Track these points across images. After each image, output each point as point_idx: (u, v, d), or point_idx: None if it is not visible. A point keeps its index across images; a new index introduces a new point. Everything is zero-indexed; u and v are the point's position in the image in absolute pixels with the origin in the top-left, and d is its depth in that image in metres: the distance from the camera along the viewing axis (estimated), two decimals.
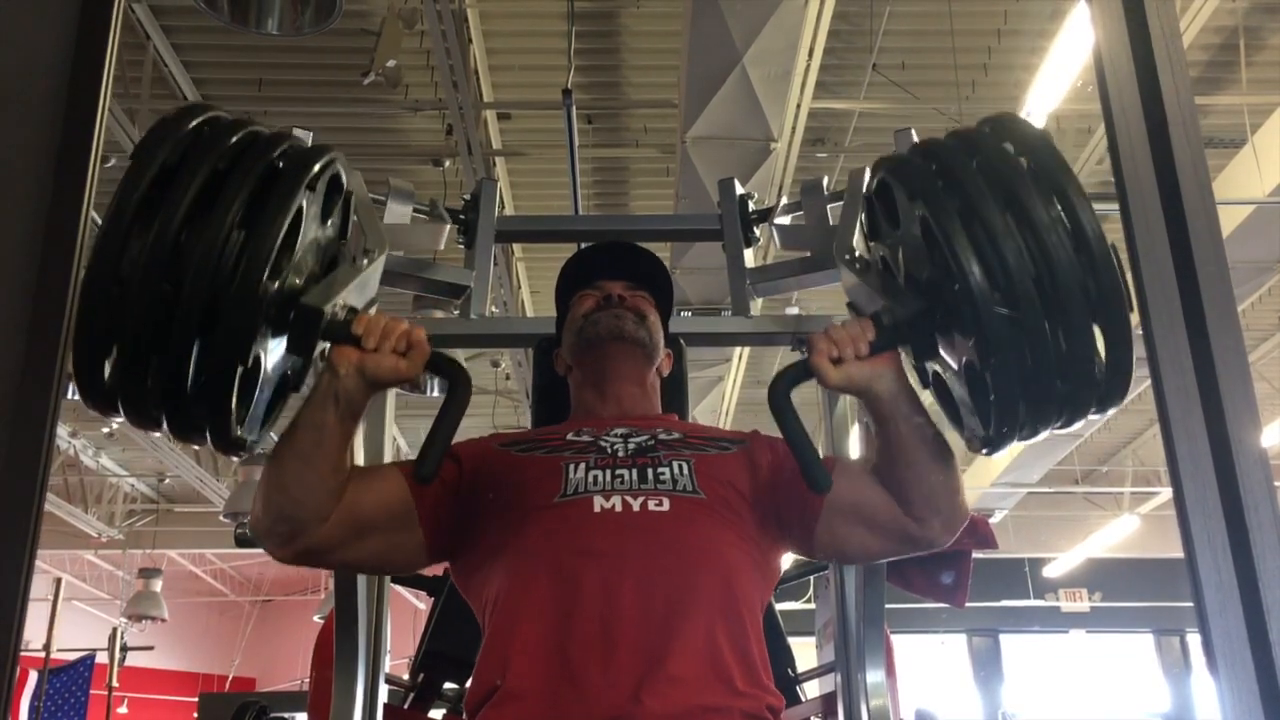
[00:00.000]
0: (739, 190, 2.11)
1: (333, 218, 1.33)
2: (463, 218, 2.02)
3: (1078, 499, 11.05)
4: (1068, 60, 4.41)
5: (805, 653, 2.13)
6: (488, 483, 1.43)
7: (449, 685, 2.14)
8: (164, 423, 1.18)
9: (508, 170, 5.87)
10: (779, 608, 2.06)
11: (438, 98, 5.15)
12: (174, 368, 1.12)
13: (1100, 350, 1.18)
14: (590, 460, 1.42)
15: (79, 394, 1.12)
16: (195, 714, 10.30)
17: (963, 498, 1.37)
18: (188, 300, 1.09)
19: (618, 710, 1.20)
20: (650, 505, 1.35)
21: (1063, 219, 1.16)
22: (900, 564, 1.76)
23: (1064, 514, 11.24)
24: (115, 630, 8.02)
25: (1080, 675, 11.76)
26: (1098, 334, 1.17)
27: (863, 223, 1.49)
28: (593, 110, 5.55)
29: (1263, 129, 5.13)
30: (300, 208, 1.18)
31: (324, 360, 1.30)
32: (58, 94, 1.02)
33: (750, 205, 2.10)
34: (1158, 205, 1.03)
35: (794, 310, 5.55)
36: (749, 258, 2.06)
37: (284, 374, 1.32)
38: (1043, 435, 1.26)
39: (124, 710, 11.38)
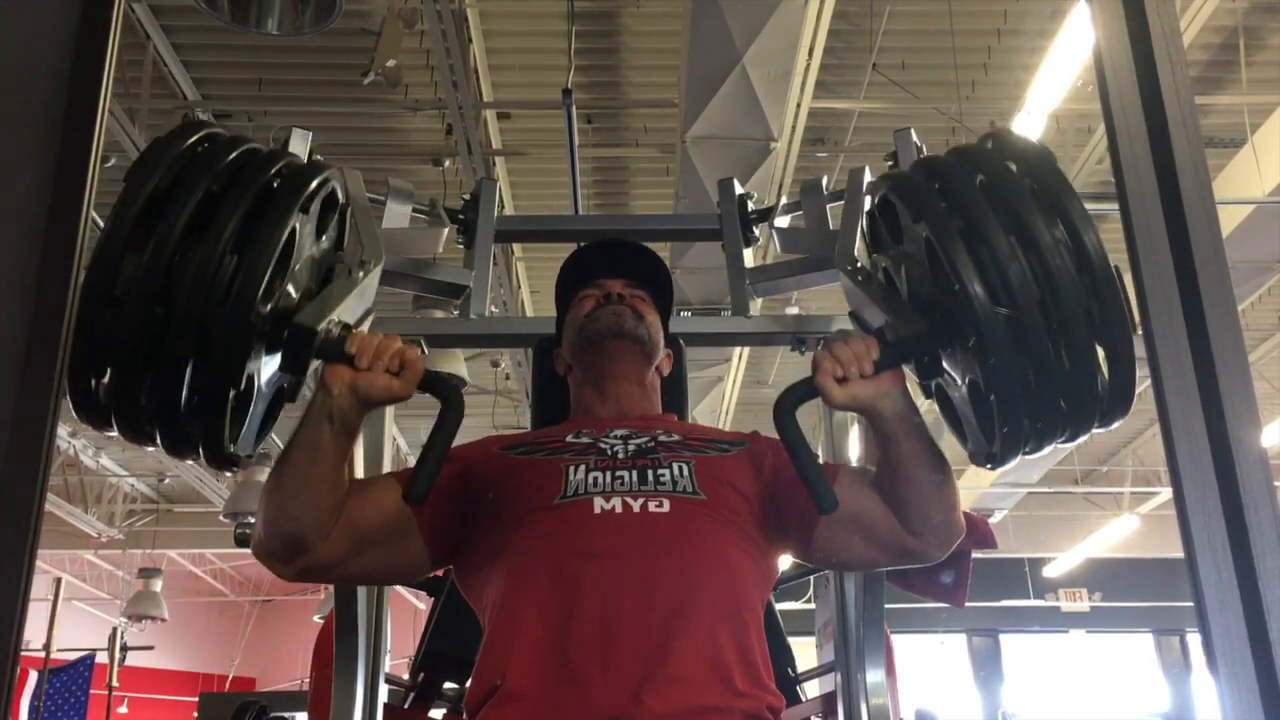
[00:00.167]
0: (739, 190, 2.11)
1: (328, 232, 1.34)
2: (462, 217, 2.02)
3: (1078, 499, 11.05)
4: (1068, 60, 4.41)
5: (805, 652, 2.13)
6: (487, 486, 1.43)
7: (449, 685, 2.14)
8: (157, 438, 1.19)
9: (507, 170, 5.86)
10: (779, 608, 2.06)
11: (437, 97, 5.15)
12: (167, 388, 1.13)
13: (1103, 367, 1.18)
14: (590, 462, 1.42)
15: (73, 408, 1.12)
16: (195, 714, 10.30)
17: (959, 514, 1.38)
18: (180, 324, 1.10)
19: (618, 710, 1.20)
20: (650, 506, 1.35)
21: (1066, 240, 1.16)
22: None
23: (1064, 514, 11.24)
24: (115, 630, 8.02)
25: (1080, 675, 11.76)
26: (1100, 352, 1.18)
27: (864, 231, 1.49)
28: (593, 110, 5.55)
29: (1263, 129, 5.13)
30: (294, 229, 1.18)
31: (318, 377, 1.30)
32: (58, 94, 1.02)
33: (750, 205, 2.10)
34: (1158, 205, 1.03)
35: (794, 310, 5.55)
36: (749, 257, 2.06)
37: (279, 387, 1.33)
38: (1047, 450, 1.27)
39: (124, 710, 11.38)
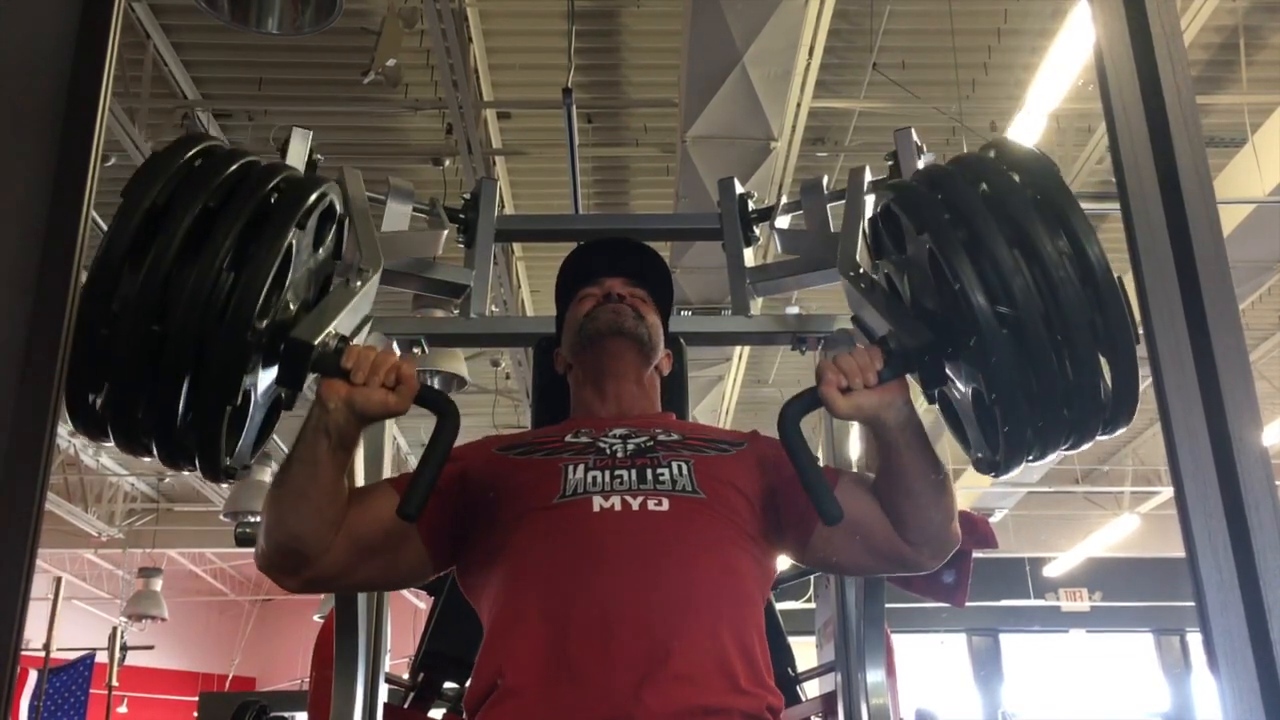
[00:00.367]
0: (739, 189, 2.10)
1: (326, 243, 1.33)
2: (462, 217, 2.02)
3: (1078, 498, 11.05)
4: (1068, 59, 4.41)
5: (805, 652, 2.13)
6: (486, 487, 1.44)
7: (449, 685, 2.14)
8: (154, 450, 1.19)
9: (508, 169, 5.86)
10: (779, 607, 2.06)
11: (438, 97, 5.15)
12: (163, 403, 1.13)
13: (1107, 376, 1.18)
14: (589, 461, 1.42)
15: (70, 420, 1.12)
16: (195, 713, 10.31)
17: (955, 526, 1.38)
18: (176, 342, 1.10)
19: (618, 708, 1.20)
20: (650, 505, 1.35)
21: (1069, 252, 1.16)
22: None
23: (1064, 513, 11.24)
24: (115, 629, 8.03)
25: (1080, 675, 11.76)
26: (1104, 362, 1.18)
27: (866, 236, 1.48)
28: (593, 109, 5.55)
29: (1263, 128, 5.13)
30: (291, 245, 1.18)
31: (315, 392, 1.30)
32: (58, 94, 1.02)
33: (750, 204, 2.10)
34: (1159, 204, 1.03)
35: (794, 310, 5.55)
36: (749, 257, 2.06)
37: (277, 397, 1.33)
38: (1051, 458, 1.27)
39: (124, 709, 11.38)
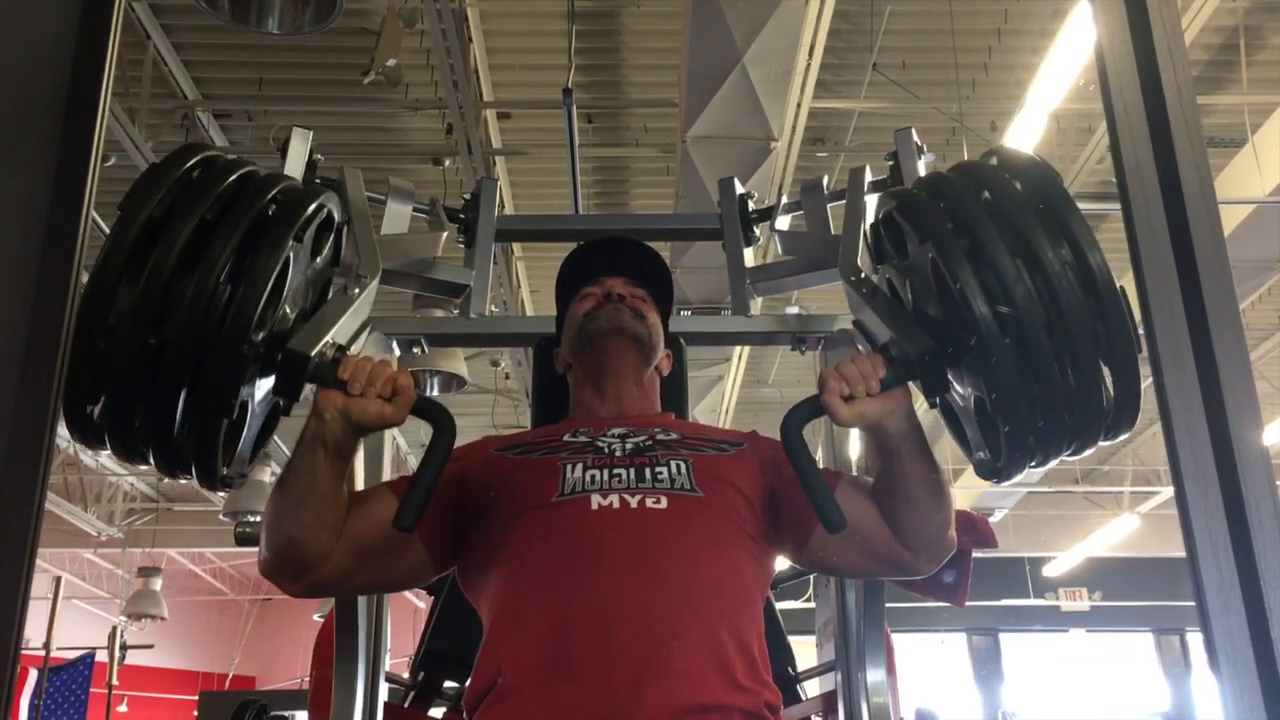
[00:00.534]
0: (739, 189, 2.11)
1: (324, 252, 1.33)
2: (463, 217, 2.02)
3: (1078, 498, 11.05)
4: (1068, 59, 4.40)
5: (805, 651, 2.13)
6: (485, 488, 1.44)
7: (449, 684, 2.14)
8: (150, 459, 1.19)
9: (508, 169, 5.86)
10: (779, 607, 2.06)
11: (438, 97, 5.15)
12: (160, 414, 1.13)
13: (1109, 383, 1.19)
14: (587, 460, 1.42)
15: (67, 429, 1.13)
16: (195, 712, 10.31)
17: (952, 532, 1.39)
18: (173, 355, 1.10)
19: (617, 706, 1.20)
20: (648, 503, 1.35)
21: (1071, 261, 1.16)
22: None
23: (1064, 513, 11.24)
24: (115, 629, 8.02)
25: (1080, 674, 11.76)
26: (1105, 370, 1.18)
27: (868, 240, 1.48)
28: (593, 109, 5.55)
29: (1263, 129, 5.13)
30: (288, 258, 1.18)
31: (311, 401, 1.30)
32: (58, 94, 1.02)
33: (750, 204, 2.10)
34: (1159, 204, 1.03)
35: (794, 310, 5.55)
36: (749, 257, 2.06)
37: (274, 406, 1.33)
38: (1053, 464, 1.27)
39: (124, 709, 11.38)
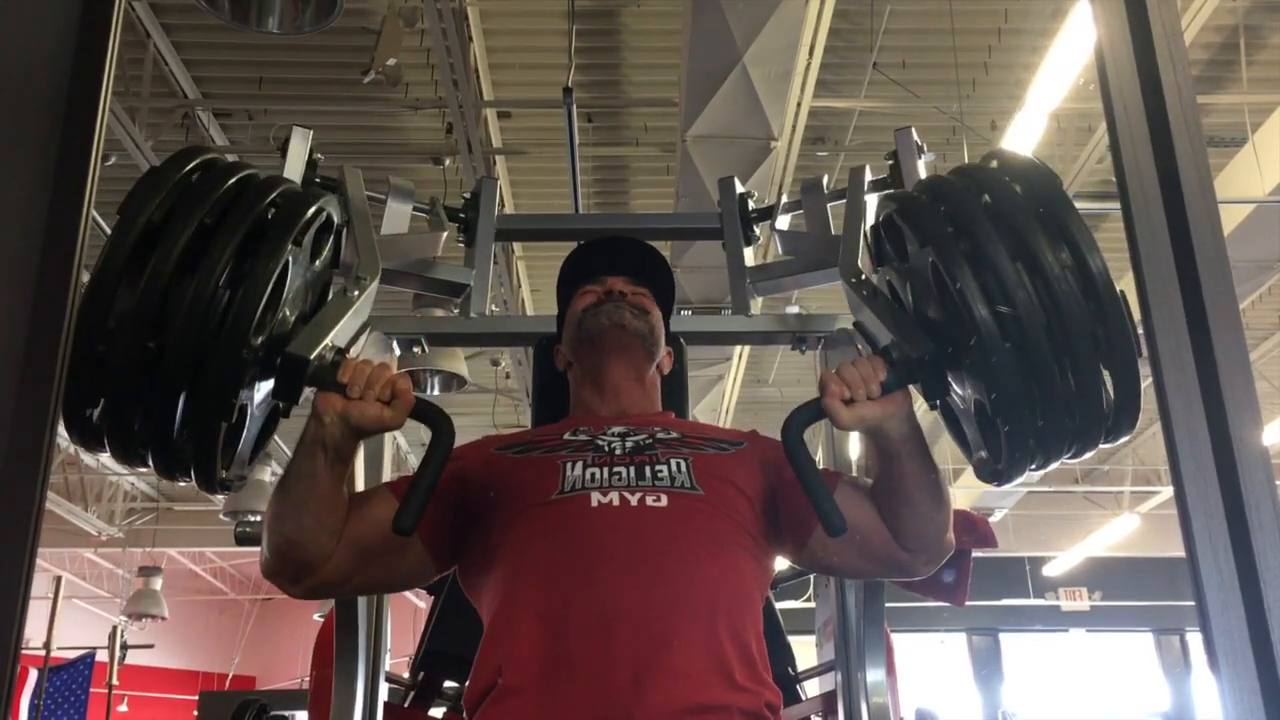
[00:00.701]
0: (739, 189, 2.10)
1: (323, 255, 1.33)
2: (463, 216, 2.02)
3: (1078, 498, 11.05)
4: (1068, 59, 4.40)
5: (805, 651, 2.13)
6: (485, 487, 1.44)
7: (449, 684, 2.14)
8: (150, 462, 1.19)
9: (508, 169, 5.86)
10: (779, 607, 2.06)
11: (438, 96, 5.15)
12: (159, 418, 1.13)
13: (1109, 385, 1.19)
14: (587, 458, 1.42)
15: (67, 432, 1.13)
16: (195, 712, 10.31)
17: (951, 534, 1.39)
18: (172, 358, 1.10)
19: (617, 705, 1.20)
20: (648, 501, 1.35)
21: (1072, 265, 1.17)
22: None
23: (1064, 513, 11.24)
24: (115, 628, 8.02)
25: (1080, 674, 11.76)
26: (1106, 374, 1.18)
27: (867, 240, 1.48)
28: (593, 109, 5.54)
29: (1263, 128, 5.13)
30: (287, 261, 1.18)
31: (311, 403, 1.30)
32: (58, 94, 1.02)
33: (750, 204, 2.10)
34: (1159, 204, 1.03)
35: (794, 309, 5.55)
36: (749, 256, 2.06)
37: (274, 408, 1.33)
38: (1053, 466, 1.27)
39: (124, 708, 11.37)
